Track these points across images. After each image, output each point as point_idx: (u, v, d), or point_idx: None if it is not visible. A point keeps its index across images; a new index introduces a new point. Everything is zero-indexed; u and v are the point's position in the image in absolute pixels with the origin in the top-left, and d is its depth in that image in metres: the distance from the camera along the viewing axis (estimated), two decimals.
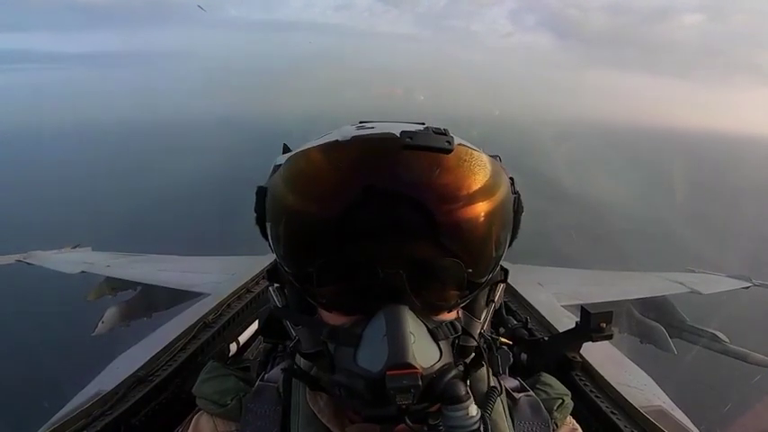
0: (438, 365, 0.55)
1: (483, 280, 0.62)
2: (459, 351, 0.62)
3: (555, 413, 0.74)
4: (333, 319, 0.61)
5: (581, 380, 1.73)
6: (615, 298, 4.46)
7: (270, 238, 0.64)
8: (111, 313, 4.57)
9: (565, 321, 2.29)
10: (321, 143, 0.59)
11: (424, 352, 0.54)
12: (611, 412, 1.60)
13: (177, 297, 4.36)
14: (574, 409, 0.79)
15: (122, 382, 1.62)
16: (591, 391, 1.70)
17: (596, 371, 1.77)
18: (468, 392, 0.54)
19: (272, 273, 0.69)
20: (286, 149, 0.79)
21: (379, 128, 0.59)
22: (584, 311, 1.16)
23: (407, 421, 0.55)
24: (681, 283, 5.04)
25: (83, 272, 4.99)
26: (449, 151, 0.55)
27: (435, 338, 0.57)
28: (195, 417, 0.78)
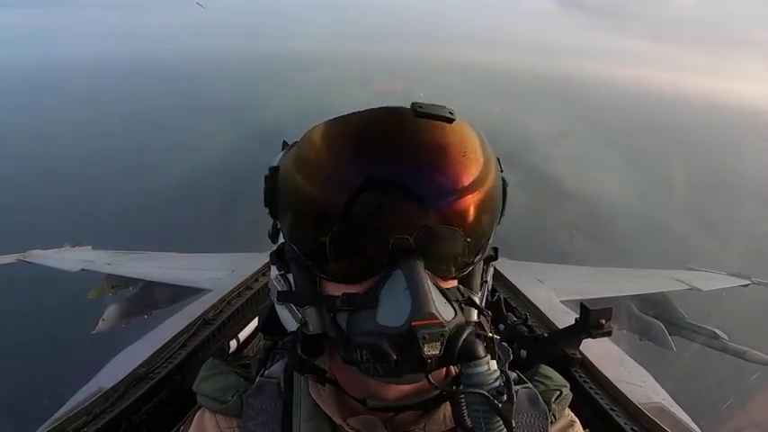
0: (454, 322, 0.56)
1: (479, 250, 0.66)
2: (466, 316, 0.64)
3: (553, 405, 0.74)
4: (343, 290, 0.60)
5: (580, 376, 1.74)
6: (614, 294, 4.47)
7: (281, 214, 0.66)
8: (111, 311, 4.56)
9: (564, 318, 2.30)
10: (334, 118, 0.61)
11: (442, 307, 0.55)
12: (611, 409, 1.61)
13: (177, 294, 4.36)
14: (573, 404, 0.79)
15: (123, 379, 1.62)
16: (590, 387, 1.70)
17: (595, 367, 1.77)
18: (485, 350, 0.55)
19: (276, 255, 0.69)
20: (285, 146, 0.78)
21: None
22: (584, 308, 1.16)
23: (429, 379, 0.55)
24: (680, 281, 5.04)
25: (83, 269, 4.99)
26: (452, 120, 0.58)
27: (447, 298, 0.59)
28: (197, 414, 0.79)
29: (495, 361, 0.56)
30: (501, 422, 0.53)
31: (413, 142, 0.57)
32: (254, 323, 2.38)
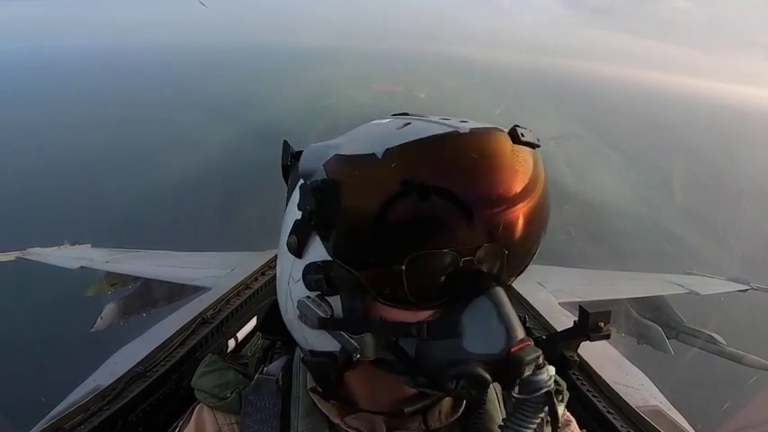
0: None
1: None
2: None
3: None
4: (404, 315, 0.59)
5: (578, 379, 1.74)
6: (613, 297, 4.48)
7: (334, 233, 0.59)
8: (110, 309, 4.56)
9: (563, 320, 2.30)
10: (431, 135, 0.56)
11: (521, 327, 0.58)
12: (608, 412, 1.61)
13: (176, 293, 4.37)
14: (570, 406, 0.79)
15: (120, 377, 1.62)
16: (588, 390, 1.71)
17: (594, 370, 1.77)
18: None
19: (310, 274, 0.62)
20: (286, 146, 0.78)
21: (454, 123, 0.59)
22: (583, 311, 1.16)
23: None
24: (679, 285, 5.05)
25: (82, 267, 4.98)
26: (538, 146, 0.59)
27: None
28: (196, 409, 0.79)
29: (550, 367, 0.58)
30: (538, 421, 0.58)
31: (510, 171, 0.56)
32: (253, 322, 2.38)
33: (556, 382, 0.59)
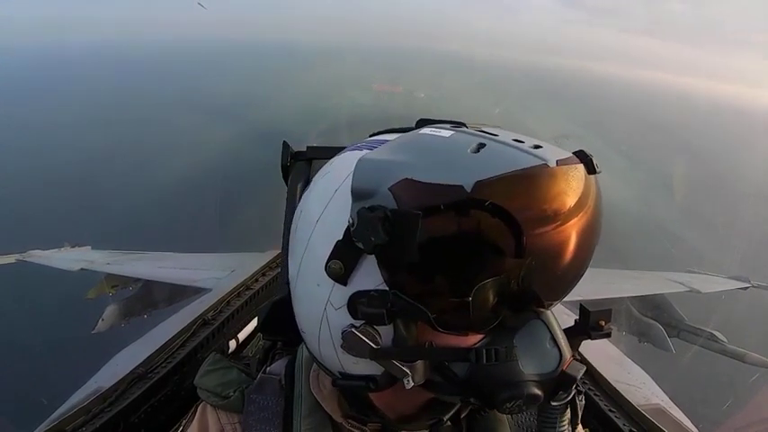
0: None
1: None
2: None
3: None
4: (457, 341, 0.59)
5: (580, 378, 1.74)
6: (614, 296, 4.48)
7: (410, 271, 0.56)
8: (110, 311, 4.57)
9: (564, 319, 2.30)
10: (524, 171, 0.54)
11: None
12: (609, 410, 1.61)
13: (177, 294, 4.37)
14: None
15: (121, 379, 1.62)
16: (589, 389, 1.70)
17: (595, 369, 1.77)
18: None
19: (374, 313, 0.58)
20: (286, 147, 0.78)
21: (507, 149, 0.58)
22: (584, 309, 1.16)
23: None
24: (680, 283, 5.05)
25: (82, 269, 4.99)
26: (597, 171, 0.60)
27: None
28: (199, 408, 0.79)
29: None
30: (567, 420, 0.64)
31: (581, 203, 0.55)
32: (254, 323, 2.38)
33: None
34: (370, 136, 0.71)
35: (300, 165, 1.05)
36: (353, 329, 0.58)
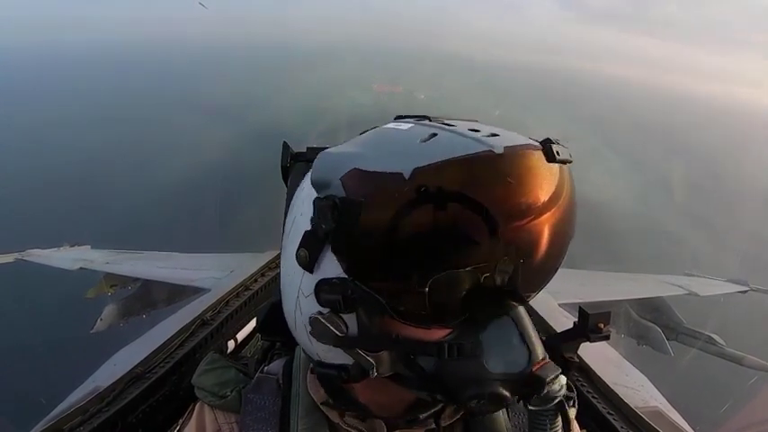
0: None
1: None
2: None
3: None
4: (422, 334, 0.58)
5: (578, 380, 1.74)
6: (613, 299, 4.48)
7: (349, 252, 0.57)
8: (109, 310, 4.56)
9: (562, 321, 2.30)
10: (467, 156, 0.52)
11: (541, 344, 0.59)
12: (608, 413, 1.61)
13: (176, 294, 4.37)
14: None
15: (119, 378, 1.62)
16: (588, 391, 1.71)
17: (593, 371, 1.77)
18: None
19: (332, 300, 0.59)
20: (286, 147, 0.78)
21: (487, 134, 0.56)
22: (583, 312, 1.16)
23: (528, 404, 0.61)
24: (678, 286, 5.06)
25: (81, 269, 4.98)
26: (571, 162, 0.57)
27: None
28: (197, 408, 0.79)
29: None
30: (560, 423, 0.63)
31: (539, 190, 0.53)
32: (253, 324, 2.38)
33: (567, 387, 0.61)
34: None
35: (300, 165, 1.07)
36: (320, 316, 0.60)
